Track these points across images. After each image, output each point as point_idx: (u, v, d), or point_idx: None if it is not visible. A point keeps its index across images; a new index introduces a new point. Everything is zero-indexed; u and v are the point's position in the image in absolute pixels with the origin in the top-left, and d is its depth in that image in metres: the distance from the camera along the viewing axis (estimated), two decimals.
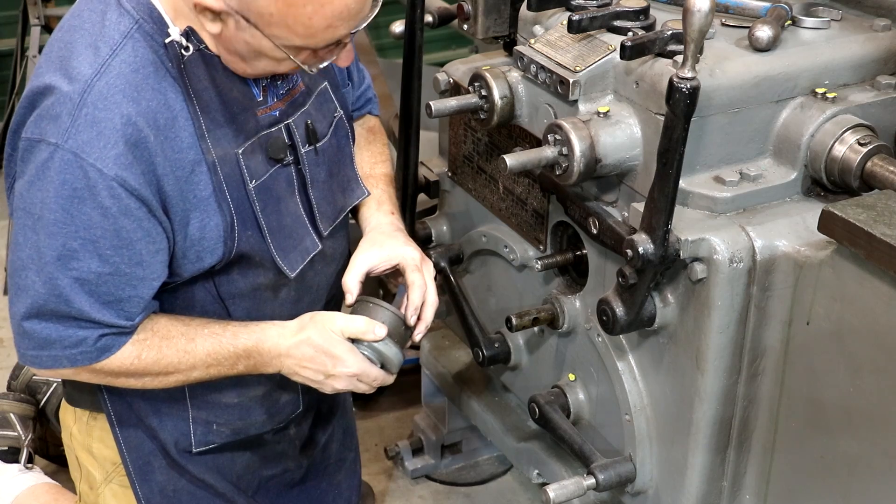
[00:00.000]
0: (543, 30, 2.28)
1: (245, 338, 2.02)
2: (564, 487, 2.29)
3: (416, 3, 2.52)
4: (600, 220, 2.17)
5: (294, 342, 2.03)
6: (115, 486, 2.24)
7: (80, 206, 1.81)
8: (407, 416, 3.44)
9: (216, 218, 1.92)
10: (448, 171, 2.76)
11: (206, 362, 2.01)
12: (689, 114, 1.85)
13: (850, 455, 1.95)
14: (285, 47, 1.81)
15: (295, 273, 2.06)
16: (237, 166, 1.92)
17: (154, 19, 1.84)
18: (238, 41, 1.82)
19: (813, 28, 2.20)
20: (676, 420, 2.20)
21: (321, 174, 2.11)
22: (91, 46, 1.83)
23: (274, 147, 1.99)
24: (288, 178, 2.04)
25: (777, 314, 2.04)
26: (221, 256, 1.96)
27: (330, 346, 2.02)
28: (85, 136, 1.78)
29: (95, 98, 1.79)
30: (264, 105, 1.98)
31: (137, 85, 1.81)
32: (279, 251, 2.03)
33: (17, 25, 4.80)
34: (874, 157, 2.02)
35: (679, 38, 2.02)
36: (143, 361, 1.98)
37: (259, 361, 2.05)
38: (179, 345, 1.99)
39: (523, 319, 2.42)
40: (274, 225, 2.01)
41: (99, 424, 2.20)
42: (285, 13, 1.75)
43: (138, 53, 1.82)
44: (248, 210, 1.96)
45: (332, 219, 2.16)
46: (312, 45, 1.81)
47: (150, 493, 2.22)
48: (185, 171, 1.87)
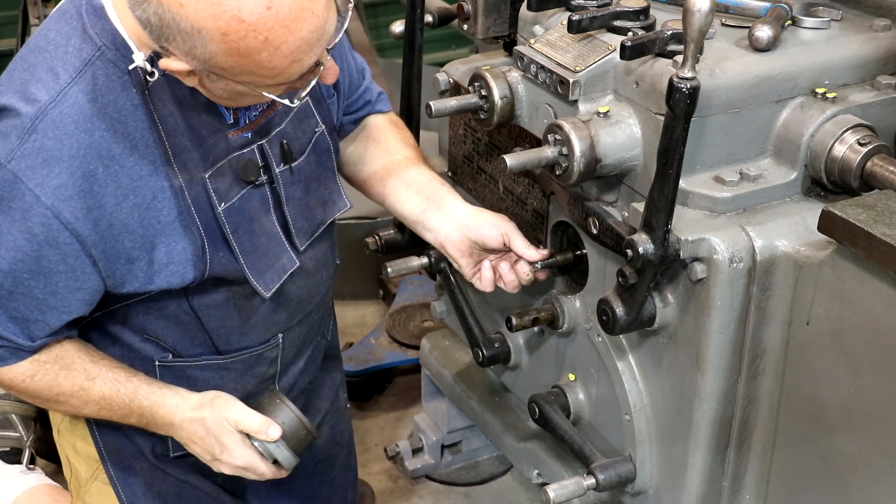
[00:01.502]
0: (543, 30, 2.28)
1: (143, 397, 2.03)
2: (564, 487, 2.29)
3: (416, 3, 2.52)
4: (600, 220, 2.17)
5: (188, 417, 2.04)
6: (99, 484, 2.24)
7: (10, 225, 1.81)
8: (407, 416, 3.44)
9: (183, 242, 1.92)
10: (448, 171, 2.76)
11: (98, 405, 2.03)
12: (689, 114, 1.85)
13: (850, 455, 1.95)
14: (261, 88, 1.79)
15: (270, 293, 2.06)
16: (204, 190, 1.91)
17: (117, 45, 1.82)
18: (216, 89, 1.81)
19: (813, 28, 2.19)
20: (676, 420, 2.20)
21: (297, 192, 2.09)
22: (51, 71, 1.81)
23: (245, 169, 1.97)
24: (262, 198, 2.02)
25: (777, 314, 2.04)
26: (193, 279, 1.96)
27: (220, 433, 2.04)
28: (30, 161, 1.78)
29: (47, 126, 1.78)
30: (235, 127, 1.96)
31: (92, 116, 1.80)
32: (253, 271, 2.01)
33: (17, 25, 4.80)
34: (874, 157, 2.02)
35: (679, 38, 2.02)
36: (36, 383, 1.99)
37: (150, 423, 2.07)
38: (77, 380, 2.00)
39: (523, 319, 2.42)
40: (247, 246, 2.00)
41: (81, 422, 2.20)
42: (244, 64, 1.72)
43: (98, 81, 1.81)
44: (218, 232, 1.95)
45: (309, 234, 2.14)
46: (284, 80, 1.79)
47: (132, 495, 2.22)
48: (145, 199, 1.86)
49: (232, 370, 2.16)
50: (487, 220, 2.20)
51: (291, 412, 2.08)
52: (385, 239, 2.77)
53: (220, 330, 2.09)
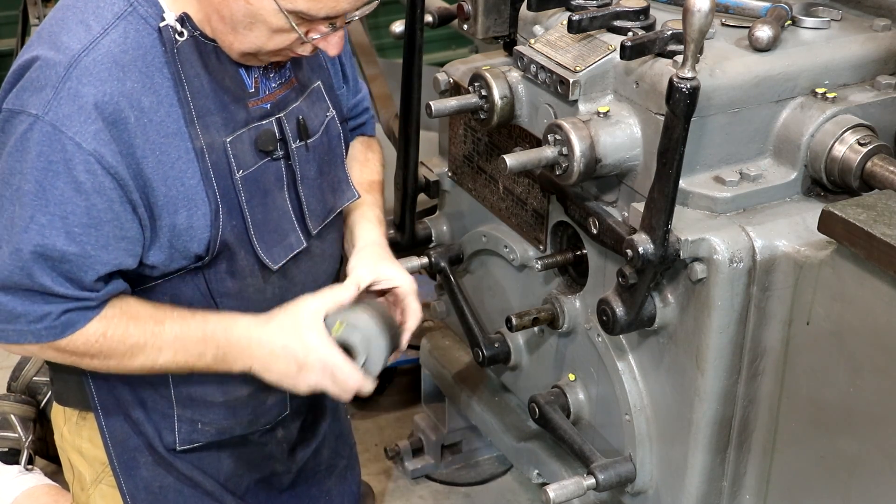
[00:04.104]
0: (543, 30, 2.28)
1: (214, 323, 1.99)
2: (564, 487, 2.29)
3: (416, 3, 2.51)
4: (600, 220, 2.17)
5: (264, 331, 1.99)
6: (103, 487, 2.24)
7: (54, 180, 1.80)
8: (407, 416, 3.44)
9: (203, 207, 1.92)
10: (448, 171, 2.76)
11: (173, 346, 1.98)
12: (689, 114, 1.86)
13: (850, 455, 1.95)
14: (287, 11, 1.79)
15: (277, 266, 2.05)
16: (224, 154, 1.92)
17: (150, 2, 1.84)
18: (238, 3, 1.80)
19: (813, 28, 2.20)
20: (676, 420, 2.20)
21: (311, 171, 2.11)
22: (82, 23, 1.83)
23: (263, 139, 1.98)
24: (277, 173, 2.04)
25: (777, 314, 2.04)
26: (207, 244, 1.95)
27: (302, 330, 1.97)
28: (66, 109, 1.78)
29: (80, 73, 1.79)
30: (256, 97, 1.98)
31: (124, 65, 1.81)
32: (261, 243, 2.02)
33: (17, 25, 4.80)
34: (874, 157, 2.02)
35: (679, 38, 2.02)
36: (109, 340, 1.95)
37: (227, 351, 2.00)
38: (147, 326, 1.96)
39: (523, 319, 2.42)
40: (259, 217, 2.00)
41: (88, 424, 2.20)
42: None
43: (129, 35, 1.83)
44: (234, 200, 1.95)
45: (322, 218, 2.16)
46: (314, 11, 1.80)
47: (135, 489, 2.22)
48: (169, 158, 1.87)
49: None
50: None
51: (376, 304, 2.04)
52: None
53: None
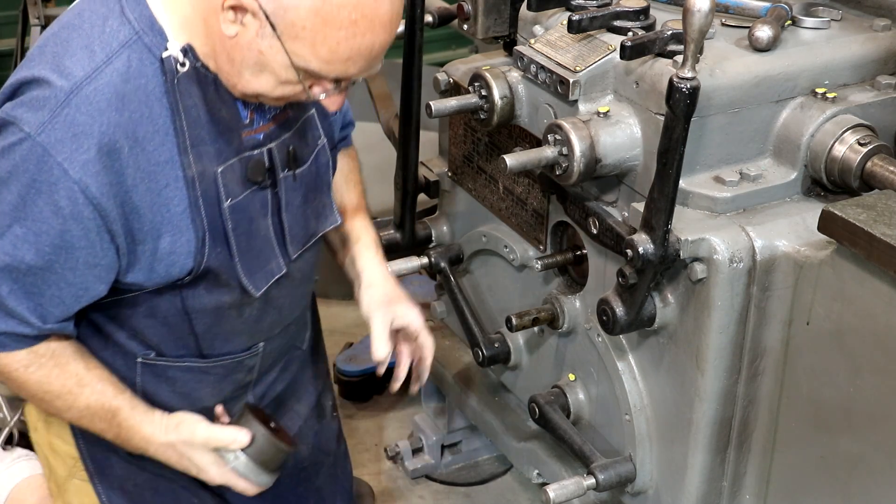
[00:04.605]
0: (543, 30, 2.28)
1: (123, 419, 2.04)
2: (564, 487, 2.29)
3: (416, 3, 2.52)
4: (600, 220, 2.17)
5: (161, 443, 2.06)
6: (77, 482, 2.24)
7: (35, 197, 1.81)
8: (407, 416, 3.43)
9: (188, 234, 1.93)
10: (448, 171, 2.76)
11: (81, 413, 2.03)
12: (689, 114, 1.86)
13: (850, 455, 1.95)
14: (298, 68, 1.78)
15: (259, 293, 2.07)
16: (214, 184, 1.93)
17: (155, 32, 1.84)
18: (251, 50, 1.79)
19: (813, 28, 2.20)
20: (676, 420, 2.20)
21: (296, 199, 2.11)
22: (87, 48, 1.83)
23: (253, 169, 1.98)
24: (263, 201, 2.04)
25: (777, 314, 2.04)
26: (189, 270, 1.97)
27: (192, 455, 2.06)
28: (59, 134, 1.79)
29: (80, 101, 1.79)
30: (250, 127, 1.97)
31: (124, 95, 1.81)
32: (245, 270, 2.03)
33: (17, 25, 4.80)
34: (874, 157, 2.02)
35: (679, 38, 2.02)
36: (28, 375, 1.99)
37: (126, 444, 2.08)
38: (68, 383, 2.00)
39: (523, 319, 2.42)
40: (243, 245, 2.01)
41: (57, 421, 2.20)
42: (318, 30, 1.72)
43: (132, 64, 1.82)
44: (220, 228, 1.96)
45: (303, 242, 2.16)
46: (325, 72, 1.79)
47: (109, 488, 2.22)
48: (158, 185, 1.87)
49: (211, 374, 2.18)
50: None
51: (261, 428, 2.08)
52: (385, 239, 2.77)
53: (207, 334, 2.11)
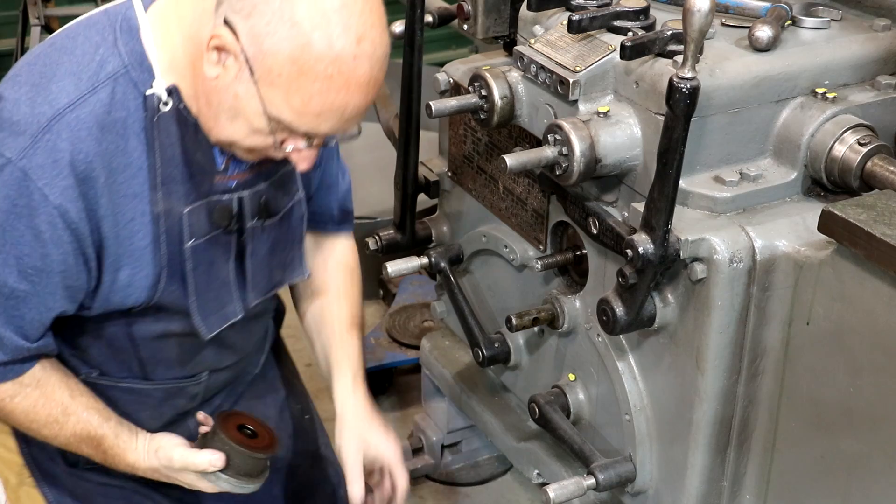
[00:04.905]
0: (543, 30, 2.28)
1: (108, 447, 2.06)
2: (564, 487, 2.29)
3: (416, 3, 2.51)
4: (600, 220, 2.17)
5: (146, 468, 2.09)
6: (27, 488, 2.24)
7: (15, 221, 1.83)
8: (407, 416, 3.44)
9: (148, 269, 1.95)
10: (448, 171, 2.76)
11: (68, 440, 2.05)
12: (689, 114, 1.86)
13: (850, 455, 1.95)
14: (271, 116, 1.77)
15: (210, 335, 2.08)
16: (179, 223, 1.94)
17: (143, 69, 1.84)
18: (227, 93, 1.79)
19: (813, 28, 2.20)
20: (676, 420, 2.20)
21: (263, 248, 2.10)
22: (74, 76, 1.83)
23: (219, 214, 1.99)
24: (227, 245, 2.04)
25: (777, 314, 2.04)
26: (142, 302, 1.99)
27: (178, 476, 2.09)
28: (40, 160, 1.80)
29: (62, 128, 1.80)
30: (224, 173, 1.98)
31: (104, 126, 1.83)
32: (200, 311, 2.04)
33: (17, 25, 4.80)
34: (874, 157, 2.02)
35: (679, 38, 2.02)
36: (15, 405, 2.00)
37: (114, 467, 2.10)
38: (53, 412, 2.02)
39: (523, 319, 2.42)
40: (201, 286, 2.02)
41: (4, 429, 2.21)
42: (293, 79, 1.71)
43: (116, 96, 1.83)
44: (179, 266, 1.97)
45: (264, 292, 2.17)
46: (296, 125, 1.77)
47: (59, 494, 2.23)
48: (124, 218, 1.89)
49: (152, 397, 2.19)
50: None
51: (234, 446, 2.08)
52: (385, 239, 2.78)
53: (152, 360, 2.12)
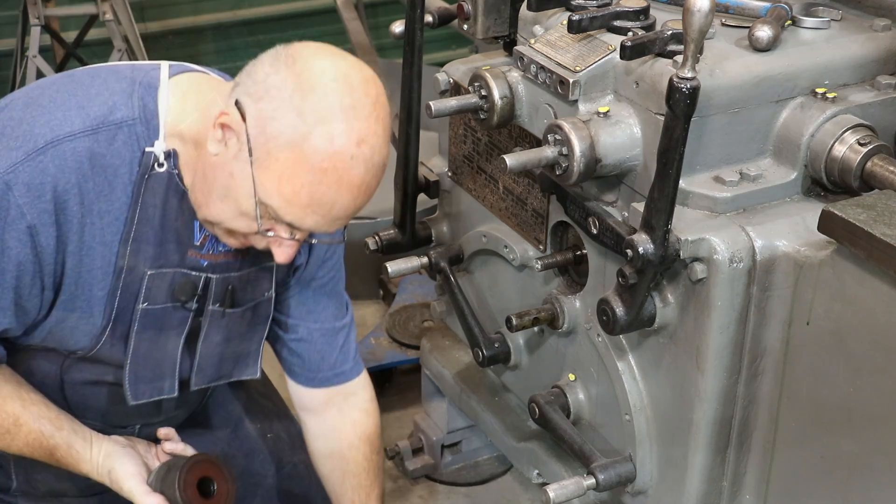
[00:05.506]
0: (543, 30, 2.28)
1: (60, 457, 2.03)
2: (564, 487, 2.29)
3: (416, 3, 2.52)
4: (600, 220, 2.17)
5: (99, 479, 2.05)
6: None
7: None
8: (407, 416, 3.43)
9: (97, 319, 1.95)
10: (448, 171, 2.76)
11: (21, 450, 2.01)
12: (689, 114, 1.86)
13: (851, 455, 1.95)
14: (260, 200, 1.77)
15: (135, 403, 2.06)
16: (138, 283, 1.94)
17: (150, 127, 1.86)
18: (224, 171, 1.79)
19: (813, 28, 2.20)
20: (676, 420, 2.20)
21: (217, 335, 2.09)
22: (83, 109, 1.85)
23: (181, 288, 1.99)
24: (182, 320, 2.03)
25: (777, 314, 2.04)
26: (81, 348, 1.99)
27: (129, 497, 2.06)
28: (27, 177, 1.80)
29: (56, 154, 1.81)
30: (199, 250, 1.97)
31: (95, 166, 1.84)
32: (131, 375, 2.03)
33: (17, 25, 4.81)
34: (874, 157, 2.02)
35: (679, 38, 2.02)
36: None
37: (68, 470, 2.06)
38: (5, 423, 1.98)
39: (523, 319, 2.42)
40: (141, 351, 2.01)
41: None
42: (288, 165, 1.72)
43: (116, 143, 1.85)
44: (126, 325, 1.97)
45: (209, 380, 2.15)
46: (282, 213, 1.77)
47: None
48: (90, 264, 1.89)
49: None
50: None
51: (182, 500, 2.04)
52: (385, 239, 2.78)
53: (80, 406, 2.10)
